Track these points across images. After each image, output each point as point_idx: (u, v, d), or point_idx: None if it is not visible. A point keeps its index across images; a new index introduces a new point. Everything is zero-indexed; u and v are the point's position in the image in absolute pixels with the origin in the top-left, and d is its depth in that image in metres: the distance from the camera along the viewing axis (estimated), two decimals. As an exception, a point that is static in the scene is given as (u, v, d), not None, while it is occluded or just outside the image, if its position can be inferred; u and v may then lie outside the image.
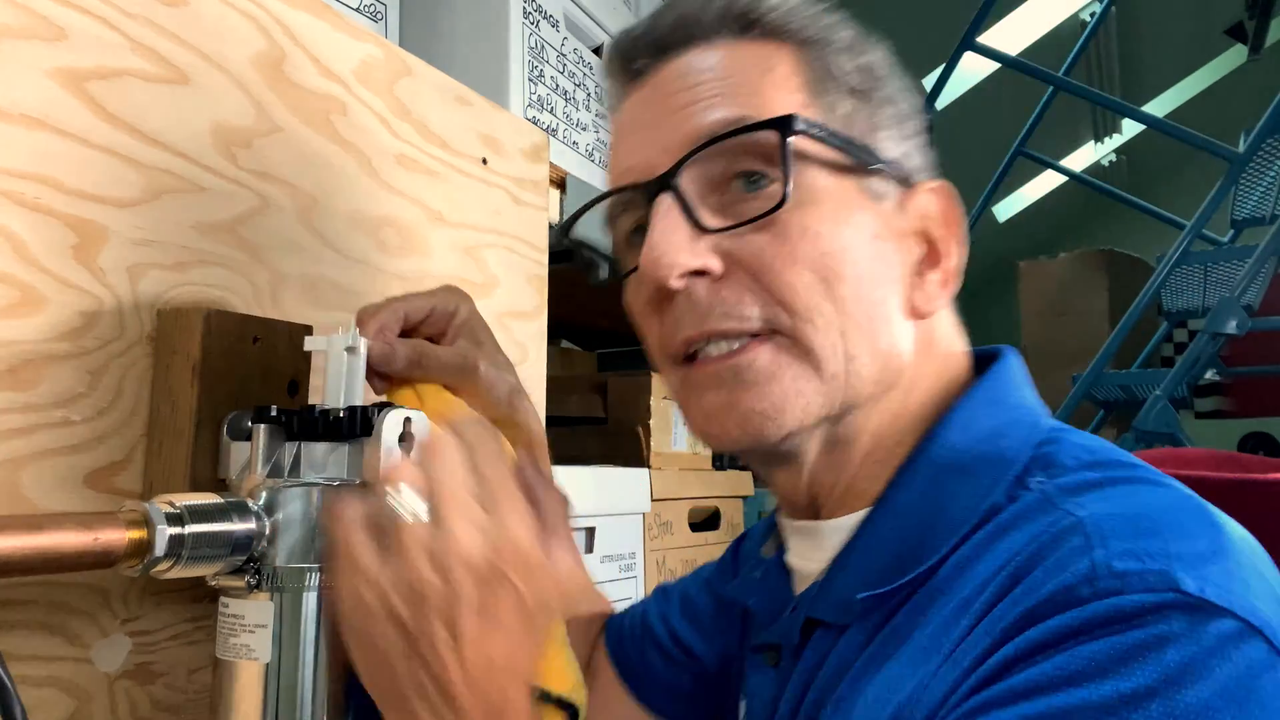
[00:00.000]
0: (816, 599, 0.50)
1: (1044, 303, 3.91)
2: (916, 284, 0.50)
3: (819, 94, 0.49)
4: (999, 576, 0.41)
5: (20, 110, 0.45)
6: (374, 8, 0.90)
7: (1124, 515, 0.41)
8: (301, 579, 0.45)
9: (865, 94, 0.50)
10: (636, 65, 0.53)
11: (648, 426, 1.31)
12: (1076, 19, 4.99)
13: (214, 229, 0.55)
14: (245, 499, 0.46)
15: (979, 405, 0.50)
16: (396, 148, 0.70)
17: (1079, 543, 0.40)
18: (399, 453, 0.48)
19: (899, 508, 0.48)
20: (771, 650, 0.53)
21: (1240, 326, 2.56)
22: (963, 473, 0.47)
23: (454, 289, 0.60)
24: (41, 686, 0.45)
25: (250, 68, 0.58)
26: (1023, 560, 0.41)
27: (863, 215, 0.49)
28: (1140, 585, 0.37)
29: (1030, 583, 0.39)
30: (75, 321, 0.47)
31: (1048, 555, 0.40)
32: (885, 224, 0.49)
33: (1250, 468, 0.86)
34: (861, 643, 0.47)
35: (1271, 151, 2.87)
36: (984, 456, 0.47)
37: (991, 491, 0.46)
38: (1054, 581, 0.39)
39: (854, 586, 0.48)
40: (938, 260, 0.51)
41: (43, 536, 0.38)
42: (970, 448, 0.48)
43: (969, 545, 0.45)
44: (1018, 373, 0.53)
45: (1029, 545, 0.41)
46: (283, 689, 0.44)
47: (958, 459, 0.48)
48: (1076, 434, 0.49)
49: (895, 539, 0.47)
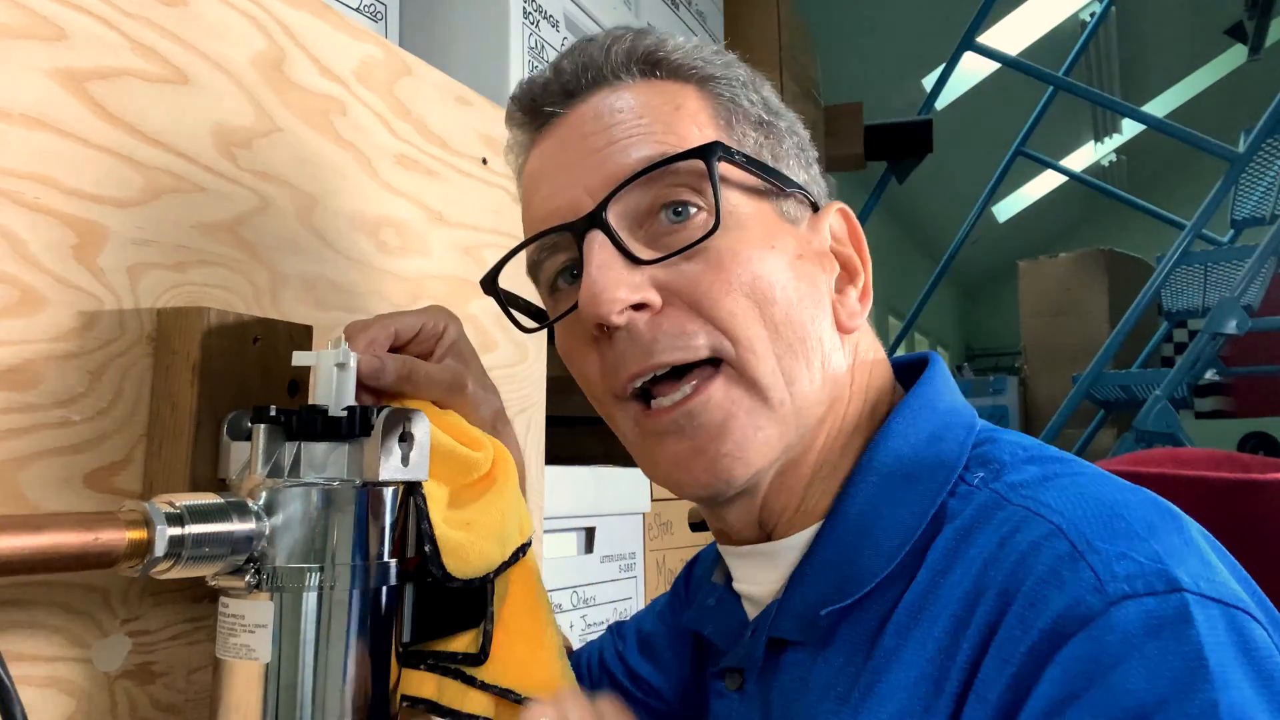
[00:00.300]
0: (777, 617, 0.50)
1: (1044, 303, 3.91)
2: (840, 300, 0.52)
3: (728, 127, 0.51)
4: (986, 590, 0.42)
5: (20, 110, 0.45)
6: (374, 8, 0.90)
7: (1092, 513, 0.42)
8: (301, 579, 0.45)
9: (768, 125, 0.53)
10: (545, 110, 0.53)
11: (648, 426, 1.31)
12: (1076, 19, 5.00)
13: (214, 229, 0.55)
14: (245, 499, 0.46)
15: (916, 412, 0.51)
16: (396, 148, 0.70)
17: (1065, 549, 0.40)
18: (399, 453, 0.48)
19: (849, 518, 0.49)
20: (733, 675, 0.54)
21: (1240, 326, 2.56)
22: (906, 478, 0.48)
23: (442, 309, 0.59)
24: (41, 686, 0.45)
25: (250, 68, 0.58)
26: (1007, 570, 0.41)
27: (784, 238, 0.50)
28: (1145, 589, 0.38)
29: (1029, 596, 0.40)
30: (75, 321, 0.47)
31: (1034, 564, 0.40)
32: (803, 245, 0.51)
33: (1250, 468, 0.86)
34: (841, 663, 0.47)
35: (1271, 151, 2.87)
36: (925, 461, 0.49)
37: (937, 494, 0.47)
38: (1060, 596, 0.39)
39: (814, 602, 0.48)
40: (853, 277, 0.54)
41: (43, 536, 0.38)
42: (911, 454, 0.49)
43: (935, 552, 0.45)
44: (945, 378, 0.54)
45: (1003, 550, 0.42)
46: (283, 689, 0.44)
47: (900, 465, 0.49)
48: (1008, 433, 0.51)
49: (849, 550, 0.48)
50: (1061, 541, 0.40)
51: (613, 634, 0.73)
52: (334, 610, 0.46)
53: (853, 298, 0.53)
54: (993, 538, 0.43)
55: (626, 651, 0.70)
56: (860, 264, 0.54)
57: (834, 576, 0.48)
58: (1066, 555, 0.40)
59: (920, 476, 0.48)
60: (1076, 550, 0.40)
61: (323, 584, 0.46)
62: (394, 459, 0.47)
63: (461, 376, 0.57)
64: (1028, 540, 0.41)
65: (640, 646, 0.69)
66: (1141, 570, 0.38)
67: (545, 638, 0.56)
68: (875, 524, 0.48)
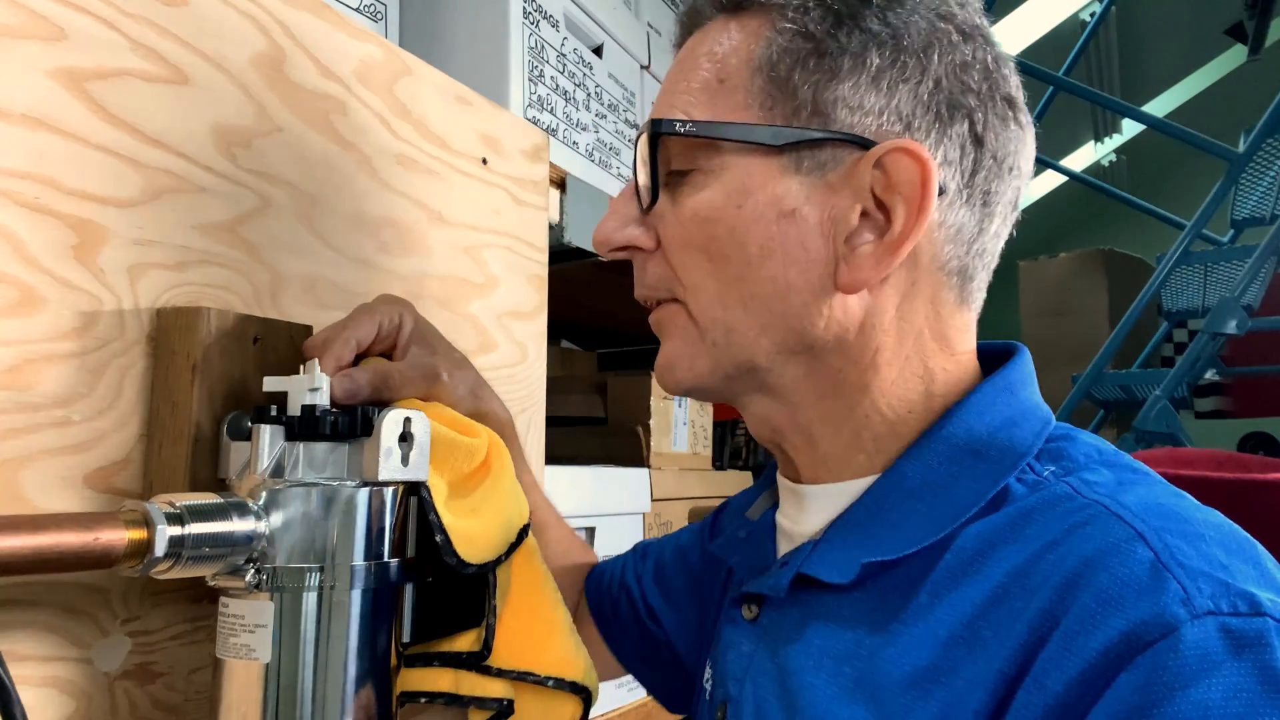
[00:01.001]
0: (812, 555, 0.50)
1: (1044, 303, 3.91)
2: (847, 255, 0.48)
3: (751, 73, 0.49)
4: (1046, 574, 0.41)
5: (20, 110, 0.45)
6: (374, 8, 0.90)
7: (1175, 527, 0.41)
8: (301, 579, 0.45)
9: (829, 53, 0.48)
10: (674, 42, 0.57)
11: (648, 426, 1.31)
12: (1076, 19, 4.99)
13: (214, 229, 0.55)
14: (245, 499, 0.46)
15: (996, 393, 0.50)
16: (396, 148, 0.70)
17: (1148, 556, 0.39)
18: (399, 453, 0.48)
19: (908, 478, 0.49)
20: (751, 604, 0.54)
21: (1240, 326, 2.56)
22: (975, 454, 0.48)
23: (391, 298, 0.59)
24: (41, 687, 0.45)
25: (250, 68, 0.58)
26: (1077, 562, 0.40)
27: (766, 195, 0.48)
28: (1230, 608, 0.37)
29: (1106, 596, 0.39)
30: (75, 321, 0.47)
31: (1114, 565, 0.39)
32: (804, 198, 0.48)
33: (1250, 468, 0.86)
34: (868, 610, 0.47)
35: (1271, 151, 2.87)
36: (997, 441, 0.48)
37: (1003, 476, 0.47)
38: (1143, 604, 0.38)
39: (856, 549, 0.48)
40: (885, 229, 0.48)
41: (43, 536, 0.38)
42: (985, 432, 0.48)
43: (990, 526, 0.45)
44: (1029, 370, 0.53)
45: (1071, 539, 0.41)
46: (283, 689, 0.44)
47: (972, 441, 0.48)
48: (1085, 434, 0.50)
49: (901, 508, 0.48)
50: (1144, 549, 0.40)
51: (636, 555, 0.75)
52: (334, 610, 0.46)
53: (865, 254, 0.48)
54: (1060, 524, 0.43)
55: (643, 574, 0.73)
56: (900, 215, 0.47)
57: (880, 530, 0.48)
58: (1150, 564, 0.39)
59: (989, 455, 0.48)
60: (1160, 562, 0.39)
61: (323, 584, 0.46)
62: (394, 459, 0.47)
63: (433, 366, 0.57)
64: (1105, 539, 0.41)
65: (656, 576, 0.72)
66: (1226, 591, 0.38)
67: (555, 615, 0.57)
68: (933, 489, 0.47)
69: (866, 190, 0.47)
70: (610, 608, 0.74)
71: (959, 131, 0.48)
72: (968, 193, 0.49)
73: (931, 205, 0.47)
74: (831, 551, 0.49)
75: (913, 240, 0.47)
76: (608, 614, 0.74)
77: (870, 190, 0.47)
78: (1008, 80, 0.51)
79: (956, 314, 0.51)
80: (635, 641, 0.73)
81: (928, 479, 0.48)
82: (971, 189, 0.49)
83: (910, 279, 0.49)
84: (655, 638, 0.71)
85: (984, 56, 0.49)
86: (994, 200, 0.50)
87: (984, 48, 0.50)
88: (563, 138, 1.04)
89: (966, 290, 0.52)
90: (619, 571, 0.75)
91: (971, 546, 0.45)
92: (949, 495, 0.47)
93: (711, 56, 0.51)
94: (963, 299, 0.51)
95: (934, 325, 0.50)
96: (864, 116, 0.47)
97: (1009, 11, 4.72)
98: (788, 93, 0.48)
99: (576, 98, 1.07)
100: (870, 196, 0.47)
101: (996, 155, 0.50)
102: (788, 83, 0.48)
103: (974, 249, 0.51)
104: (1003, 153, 0.50)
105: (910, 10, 0.48)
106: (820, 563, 0.49)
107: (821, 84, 0.47)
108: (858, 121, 0.47)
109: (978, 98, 0.49)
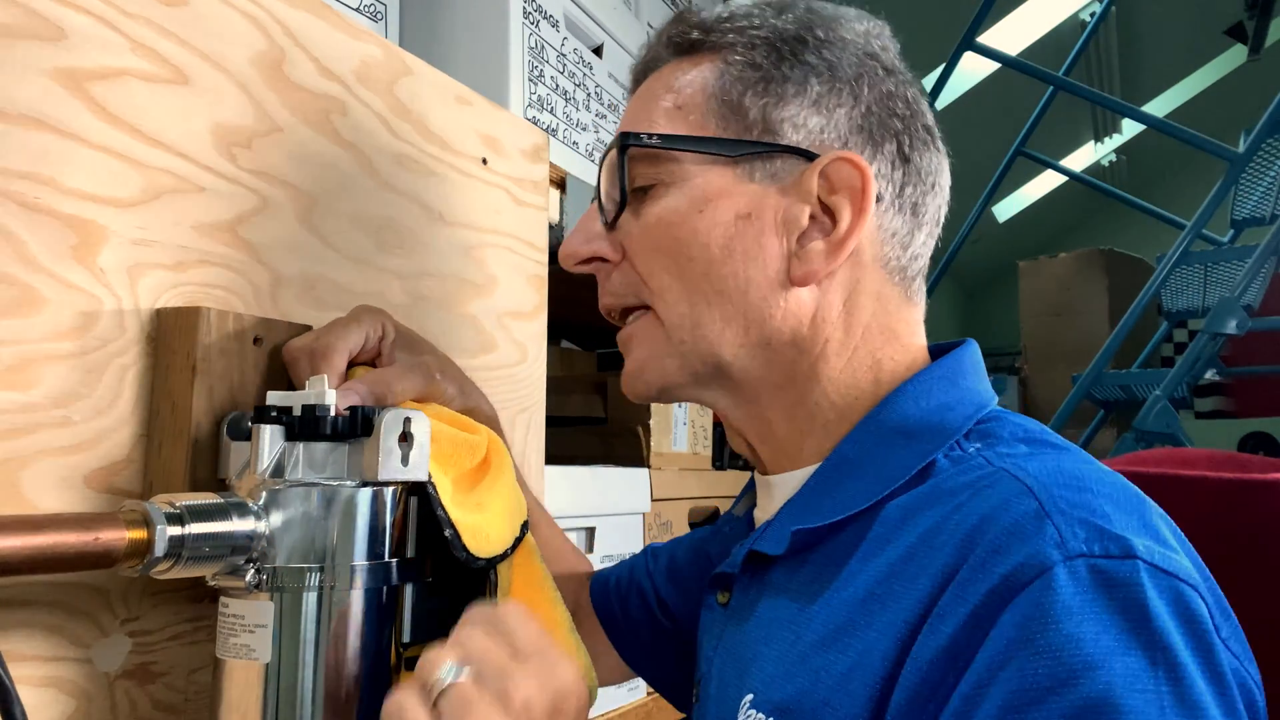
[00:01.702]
0: (763, 535, 0.55)
1: (1044, 303, 3.91)
2: (797, 253, 0.54)
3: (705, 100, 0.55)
4: (951, 531, 0.45)
5: (20, 110, 0.45)
6: (374, 8, 0.90)
7: (1065, 481, 0.45)
8: (301, 579, 0.45)
9: (773, 81, 0.54)
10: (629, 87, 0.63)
11: (648, 426, 1.31)
12: (1076, 19, 4.99)
13: (214, 229, 0.55)
14: (245, 499, 0.46)
15: (933, 381, 0.54)
16: (396, 148, 0.70)
17: (1033, 507, 0.43)
18: (398, 453, 0.48)
19: (845, 458, 0.53)
20: (724, 591, 0.58)
21: (1240, 326, 2.56)
22: (906, 435, 0.52)
23: (369, 309, 0.59)
24: (41, 686, 0.45)
25: (250, 68, 0.58)
26: (975, 519, 0.44)
27: (724, 200, 0.54)
28: (1102, 551, 0.41)
29: (993, 544, 0.43)
30: (75, 321, 0.47)
31: (1002, 516, 0.44)
32: (757, 202, 0.54)
33: (1250, 468, 0.86)
34: (807, 579, 0.51)
35: (1271, 151, 2.87)
36: (929, 424, 0.52)
37: (930, 453, 0.51)
38: (1022, 547, 0.42)
39: (793, 523, 0.52)
40: (829, 229, 0.54)
41: (43, 536, 0.38)
42: (918, 416, 0.53)
43: (914, 497, 0.49)
44: (975, 361, 0.57)
45: (974, 499, 0.45)
46: (283, 689, 0.44)
47: (904, 424, 0.52)
48: (1016, 415, 0.54)
49: (833, 484, 0.53)
50: (1030, 500, 0.43)
51: (647, 556, 0.78)
52: (334, 610, 0.46)
53: (815, 250, 0.53)
54: (968, 489, 0.47)
55: (656, 572, 0.75)
56: (845, 215, 0.53)
57: (818, 503, 0.52)
58: (1033, 512, 0.43)
59: (920, 436, 0.52)
60: (1044, 510, 0.43)
61: (323, 584, 0.46)
62: (394, 459, 0.47)
63: (425, 367, 0.59)
64: (1000, 495, 0.45)
65: (669, 570, 0.75)
66: (1100, 535, 0.42)
67: (556, 612, 0.58)
68: (864, 466, 0.52)
69: (813, 195, 0.53)
70: (620, 608, 0.75)
71: (889, 150, 0.55)
72: (899, 203, 0.56)
73: (870, 206, 0.53)
74: (778, 528, 0.54)
75: (855, 237, 0.53)
76: (616, 615, 0.76)
77: (816, 195, 0.53)
78: (925, 114, 0.58)
79: (903, 309, 0.57)
80: (646, 642, 0.75)
81: (860, 457, 0.53)
82: (902, 199, 0.56)
83: (855, 276, 0.55)
84: (667, 631, 0.73)
85: (905, 91, 0.57)
86: (921, 211, 0.57)
87: (905, 84, 0.57)
88: (563, 138, 1.04)
89: (909, 290, 0.57)
90: (627, 573, 0.77)
91: (896, 516, 0.49)
92: (878, 470, 0.51)
93: (669, 88, 0.57)
94: (907, 296, 0.57)
95: (881, 319, 0.56)
96: (808, 134, 0.54)
97: (1009, 11, 4.72)
98: (740, 113, 0.54)
99: (576, 98, 1.07)
100: (817, 201, 0.54)
101: (921, 172, 0.57)
102: (740, 105, 0.54)
103: (909, 252, 0.57)
104: (926, 170, 0.57)
105: (841, 49, 0.56)
106: (766, 539, 0.54)
107: (770, 106, 0.54)
108: (803, 138, 0.54)
109: (902, 122, 0.56)
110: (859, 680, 0.45)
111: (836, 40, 0.56)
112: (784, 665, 0.49)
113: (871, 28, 0.58)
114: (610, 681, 0.77)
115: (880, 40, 0.58)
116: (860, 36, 0.57)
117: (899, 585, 0.46)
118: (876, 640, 0.45)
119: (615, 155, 0.56)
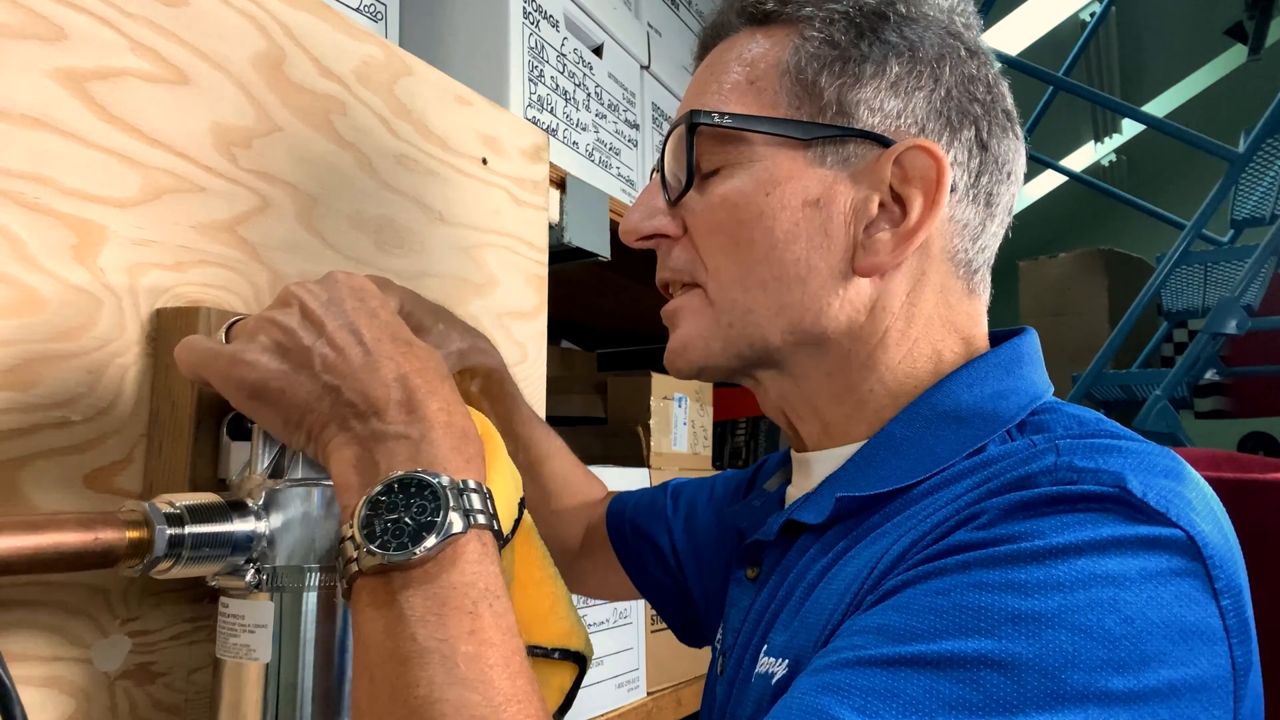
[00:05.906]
0: (802, 506, 0.54)
1: (1044, 303, 3.91)
2: (864, 242, 0.52)
3: (778, 77, 0.53)
4: (980, 492, 0.45)
5: (20, 110, 0.45)
6: (374, 8, 0.90)
7: (1095, 444, 0.44)
8: (301, 579, 0.45)
9: (852, 61, 0.52)
10: (696, 53, 0.61)
11: (648, 426, 1.31)
12: (1076, 19, 4.99)
13: (214, 229, 0.55)
14: (245, 499, 0.46)
15: (988, 368, 0.53)
16: (396, 148, 0.70)
17: (1051, 460, 0.43)
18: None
19: (893, 439, 0.52)
20: (754, 565, 0.58)
21: (1240, 326, 2.56)
22: (958, 421, 0.51)
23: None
24: (41, 686, 0.45)
25: (250, 68, 0.58)
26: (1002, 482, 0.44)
27: (792, 184, 0.52)
28: (1092, 480, 0.40)
29: (988, 488, 0.44)
30: (75, 321, 0.47)
31: (1023, 469, 0.44)
32: (829, 189, 0.52)
33: (1250, 468, 0.86)
34: (836, 542, 0.51)
35: (1271, 151, 2.87)
36: (981, 411, 0.51)
37: (981, 438, 0.50)
38: (1013, 473, 0.43)
39: (838, 490, 0.52)
40: (899, 219, 0.52)
41: (43, 536, 0.38)
42: (971, 402, 0.51)
43: (952, 472, 0.48)
44: (1031, 350, 0.55)
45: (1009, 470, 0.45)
46: (283, 689, 0.44)
47: (956, 409, 0.51)
48: (1072, 407, 0.52)
49: (882, 462, 0.51)
50: (1052, 456, 0.43)
51: (668, 495, 0.78)
52: (334, 610, 0.46)
53: (881, 241, 0.51)
54: (1006, 465, 0.45)
55: (673, 517, 0.76)
56: (916, 207, 0.51)
57: (859, 478, 0.52)
58: (1044, 452, 0.44)
59: (971, 421, 0.50)
60: (1059, 463, 0.43)
61: (323, 584, 0.46)
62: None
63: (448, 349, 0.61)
64: (1035, 465, 0.44)
65: (687, 523, 0.75)
66: (1096, 469, 0.41)
67: (556, 589, 0.58)
68: (911, 445, 0.51)
69: (885, 184, 0.51)
70: (634, 539, 0.77)
71: (967, 136, 0.53)
72: (974, 192, 0.53)
73: (944, 199, 0.51)
74: (819, 500, 0.53)
75: (926, 230, 0.51)
76: (629, 544, 0.77)
77: (889, 184, 0.51)
78: (1005, 97, 0.56)
79: (965, 302, 0.55)
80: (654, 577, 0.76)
81: (909, 437, 0.51)
82: (977, 189, 0.54)
83: (921, 268, 0.53)
84: (672, 570, 0.75)
85: (986, 73, 0.54)
86: (995, 201, 0.55)
87: (986, 65, 0.55)
88: (563, 138, 1.04)
89: (973, 282, 0.55)
90: (646, 503, 0.78)
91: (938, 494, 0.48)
92: (926, 451, 0.50)
93: (741, 61, 0.55)
94: (970, 289, 0.55)
95: (943, 312, 0.54)
96: (884, 119, 0.52)
97: (1009, 11, 4.72)
98: (814, 94, 0.52)
99: (576, 98, 1.07)
100: (888, 190, 0.51)
101: (999, 160, 0.54)
102: (814, 85, 0.52)
103: (978, 244, 0.55)
104: (1004, 159, 0.55)
105: (924, 27, 0.53)
106: (805, 509, 0.53)
107: (846, 87, 0.52)
108: (878, 123, 0.52)
109: (983, 107, 0.53)
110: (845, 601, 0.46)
111: (919, 17, 0.53)
112: (803, 619, 0.49)
113: (956, 4, 0.55)
114: (621, 598, 0.82)
115: (964, 18, 0.55)
116: (944, 14, 0.54)
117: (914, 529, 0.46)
118: (879, 558, 0.46)
119: (683, 132, 0.54)
